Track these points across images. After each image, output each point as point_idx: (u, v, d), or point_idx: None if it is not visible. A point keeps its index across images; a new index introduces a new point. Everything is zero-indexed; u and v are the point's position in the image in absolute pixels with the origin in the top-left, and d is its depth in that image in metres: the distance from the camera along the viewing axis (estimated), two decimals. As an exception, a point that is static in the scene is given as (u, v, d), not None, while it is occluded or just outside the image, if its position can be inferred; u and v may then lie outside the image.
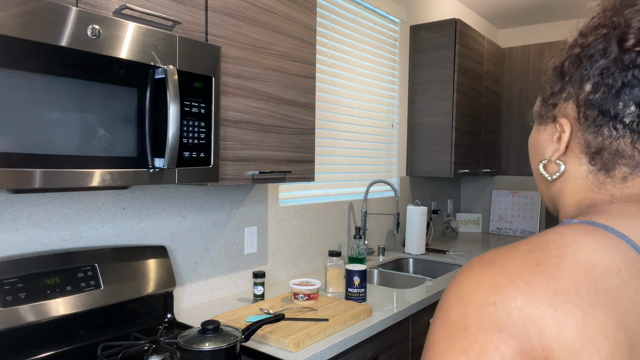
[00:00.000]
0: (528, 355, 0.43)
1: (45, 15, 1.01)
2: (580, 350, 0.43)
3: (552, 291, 0.44)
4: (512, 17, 4.44)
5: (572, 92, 0.59)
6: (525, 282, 0.45)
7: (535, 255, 0.48)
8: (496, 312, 0.45)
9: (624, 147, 0.55)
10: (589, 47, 0.58)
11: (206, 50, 1.37)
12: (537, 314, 0.44)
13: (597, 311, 0.44)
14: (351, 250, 2.49)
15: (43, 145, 1.03)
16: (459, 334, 0.46)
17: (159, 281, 1.60)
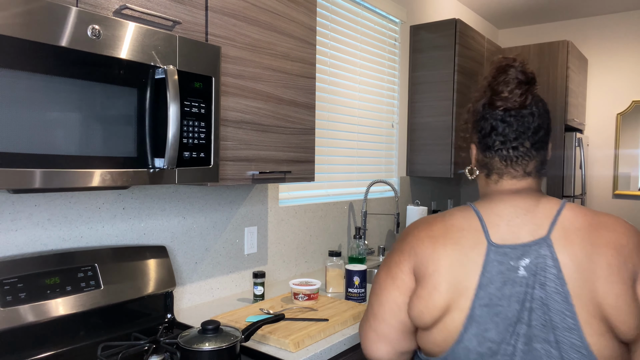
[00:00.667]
0: (412, 263, 0.98)
1: (45, 15, 1.01)
2: (429, 260, 0.94)
3: (426, 233, 0.98)
4: (512, 17, 4.44)
5: (474, 128, 1.04)
6: (417, 231, 1.00)
7: (430, 219, 1.01)
8: (403, 245, 1.01)
9: (495, 163, 1.01)
10: (476, 112, 1.04)
11: (206, 50, 1.37)
12: (417, 244, 0.98)
13: (443, 244, 0.95)
14: (351, 250, 2.49)
15: (43, 145, 1.03)
16: (388, 255, 1.05)
17: (159, 281, 1.60)
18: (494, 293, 0.89)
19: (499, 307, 0.88)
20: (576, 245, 0.87)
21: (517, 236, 0.91)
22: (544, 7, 4.13)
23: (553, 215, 0.92)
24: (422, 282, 0.94)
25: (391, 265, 1.02)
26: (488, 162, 1.01)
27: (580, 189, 3.97)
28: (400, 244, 1.02)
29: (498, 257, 0.90)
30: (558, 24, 4.53)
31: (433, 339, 0.94)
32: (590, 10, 4.20)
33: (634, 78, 4.21)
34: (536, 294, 0.87)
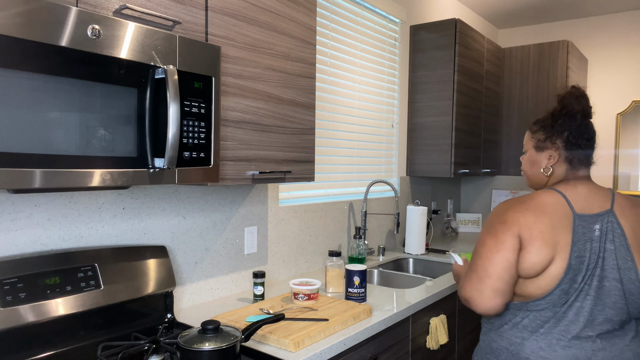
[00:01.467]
0: (517, 230, 1.27)
1: (45, 15, 1.01)
2: (533, 227, 1.26)
3: (524, 207, 1.30)
4: (512, 17, 4.44)
5: (558, 136, 1.41)
6: (516, 207, 1.31)
7: (522, 199, 1.34)
8: (504, 217, 1.30)
9: (579, 156, 1.40)
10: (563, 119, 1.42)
11: (206, 50, 1.37)
12: (519, 216, 1.28)
13: (541, 215, 1.28)
14: (351, 250, 2.49)
15: (43, 145, 1.03)
16: (491, 227, 1.32)
17: (159, 281, 1.60)
18: (581, 247, 1.26)
19: (584, 257, 1.26)
20: (629, 215, 1.32)
21: (591, 208, 1.32)
22: (544, 7, 4.13)
23: (611, 196, 1.37)
24: (530, 242, 1.26)
25: (497, 233, 1.30)
26: (573, 156, 1.40)
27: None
28: (501, 217, 1.32)
29: (581, 222, 1.28)
30: (558, 24, 4.53)
31: (538, 284, 1.27)
32: (590, 10, 4.20)
33: (634, 78, 4.21)
34: (607, 247, 1.27)
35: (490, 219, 1.35)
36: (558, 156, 1.41)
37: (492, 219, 1.34)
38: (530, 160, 1.47)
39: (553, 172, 1.42)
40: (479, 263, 1.31)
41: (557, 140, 1.40)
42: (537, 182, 1.47)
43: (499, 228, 1.30)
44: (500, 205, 1.37)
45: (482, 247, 1.32)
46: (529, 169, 1.48)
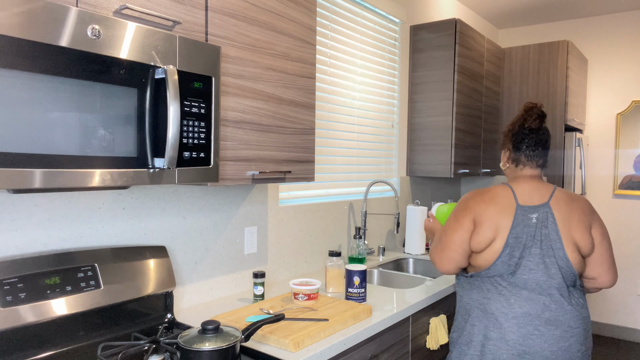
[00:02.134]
0: (473, 215, 1.67)
1: (45, 15, 1.01)
2: (483, 213, 1.65)
3: (480, 198, 1.69)
4: (512, 17, 4.44)
5: (509, 140, 1.78)
6: (475, 197, 1.71)
7: (482, 191, 1.73)
8: (466, 205, 1.70)
9: (522, 158, 1.74)
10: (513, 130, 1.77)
11: (206, 50, 1.37)
12: (474, 204, 1.69)
13: (491, 204, 1.66)
14: (351, 250, 2.49)
15: (43, 145, 1.03)
16: (456, 212, 1.73)
17: (159, 281, 1.60)
18: (519, 231, 1.61)
19: (521, 238, 1.61)
20: (563, 207, 1.64)
21: (532, 201, 1.66)
22: (544, 7, 4.13)
23: (550, 192, 1.68)
24: (479, 225, 1.65)
25: (459, 216, 1.69)
26: (517, 158, 1.74)
27: (580, 188, 3.97)
28: (464, 205, 1.70)
29: (521, 212, 1.64)
30: (558, 24, 4.53)
31: (484, 258, 1.65)
32: (590, 10, 4.20)
33: (634, 78, 4.21)
34: (543, 232, 1.61)
35: (458, 205, 1.75)
36: (508, 157, 1.79)
37: (458, 205, 1.74)
38: (501, 157, 1.90)
39: (508, 169, 1.81)
40: (443, 237, 1.72)
41: (508, 143, 1.78)
42: (507, 176, 1.85)
43: (460, 213, 1.70)
44: (465, 195, 1.76)
45: (447, 226, 1.73)
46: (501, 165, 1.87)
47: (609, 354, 3.89)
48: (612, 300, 4.30)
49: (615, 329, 4.27)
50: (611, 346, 4.07)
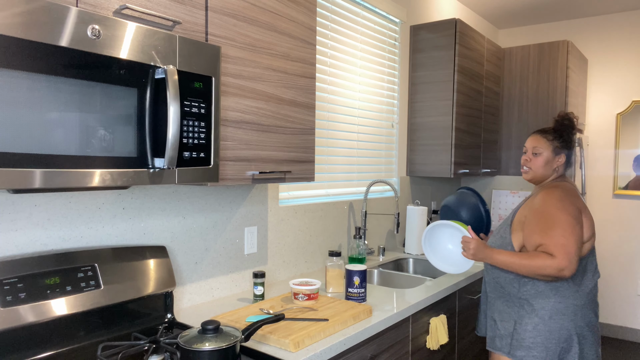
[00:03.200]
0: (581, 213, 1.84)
1: (45, 15, 1.01)
2: (585, 212, 1.86)
3: (575, 194, 1.88)
4: (512, 17, 4.44)
5: (568, 146, 1.97)
6: (572, 193, 1.88)
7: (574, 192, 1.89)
8: (575, 205, 1.84)
9: (571, 160, 1.99)
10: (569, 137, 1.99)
11: (206, 50, 1.37)
12: (577, 200, 1.85)
13: (582, 200, 1.89)
14: (351, 250, 2.49)
15: (43, 145, 1.03)
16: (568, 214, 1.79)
17: (159, 281, 1.60)
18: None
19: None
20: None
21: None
22: (544, 7, 4.13)
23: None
24: (584, 221, 1.82)
25: (575, 212, 1.78)
26: (569, 160, 1.96)
27: (580, 189, 3.97)
28: (570, 201, 1.80)
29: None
30: (558, 24, 4.53)
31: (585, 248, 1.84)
32: (590, 10, 4.20)
33: (634, 78, 4.21)
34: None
35: (565, 204, 1.79)
36: (565, 160, 1.95)
37: (565, 205, 1.79)
38: (547, 160, 1.94)
39: (555, 171, 1.95)
40: (564, 235, 1.73)
41: (566, 149, 1.94)
42: (542, 178, 1.95)
43: (576, 213, 1.78)
44: (566, 196, 1.82)
45: (563, 223, 1.75)
46: (542, 167, 1.94)
47: (609, 354, 3.89)
48: (612, 300, 4.30)
49: (615, 329, 4.27)
50: (611, 346, 4.07)
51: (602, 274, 4.35)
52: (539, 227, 1.78)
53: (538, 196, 1.85)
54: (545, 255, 1.74)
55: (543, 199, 1.82)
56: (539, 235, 1.77)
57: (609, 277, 4.31)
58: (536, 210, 1.82)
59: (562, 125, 1.96)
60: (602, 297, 4.34)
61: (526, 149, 1.99)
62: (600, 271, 4.36)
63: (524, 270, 1.76)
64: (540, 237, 1.77)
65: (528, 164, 1.96)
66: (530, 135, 2.01)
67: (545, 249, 1.75)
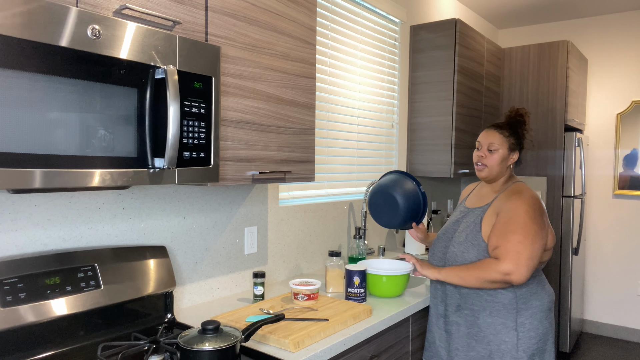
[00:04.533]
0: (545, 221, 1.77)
1: (45, 15, 1.01)
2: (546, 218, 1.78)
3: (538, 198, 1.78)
4: (512, 17, 4.44)
5: (520, 143, 1.89)
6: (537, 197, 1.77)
7: (529, 189, 1.80)
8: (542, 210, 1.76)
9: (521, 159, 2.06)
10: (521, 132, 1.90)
11: (206, 50, 1.37)
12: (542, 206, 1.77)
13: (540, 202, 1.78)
14: (351, 250, 2.49)
15: (43, 145, 1.03)
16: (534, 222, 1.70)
17: (159, 281, 1.60)
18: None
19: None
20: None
21: None
22: (544, 7, 4.13)
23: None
24: (548, 227, 1.77)
25: (540, 223, 1.70)
26: (520, 158, 1.88)
27: (580, 189, 3.97)
28: (540, 209, 1.72)
29: None
30: (558, 24, 4.53)
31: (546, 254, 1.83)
32: (590, 10, 4.20)
33: (634, 78, 4.21)
34: None
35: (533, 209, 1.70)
36: (517, 157, 1.87)
37: (534, 210, 1.71)
38: (503, 158, 1.84)
39: (508, 169, 1.87)
40: (531, 245, 1.65)
41: (518, 146, 1.87)
42: (497, 176, 1.86)
43: (540, 219, 1.70)
44: (534, 197, 1.74)
45: (530, 230, 1.67)
46: (498, 165, 1.83)
47: (609, 354, 3.89)
48: (612, 300, 4.30)
49: (616, 329, 4.27)
50: (611, 346, 4.07)
51: (602, 274, 4.35)
52: (500, 231, 1.69)
53: (512, 201, 1.73)
54: (491, 259, 1.67)
55: (515, 203, 1.72)
56: (497, 238, 1.69)
57: (609, 277, 4.31)
58: (506, 213, 1.72)
59: (515, 120, 1.87)
60: (602, 297, 4.35)
61: (480, 144, 1.86)
62: (601, 271, 4.36)
63: (472, 280, 1.68)
64: (497, 239, 1.68)
65: (483, 160, 1.83)
66: (485, 130, 1.88)
67: (496, 252, 1.67)
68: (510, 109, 1.91)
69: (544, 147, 3.83)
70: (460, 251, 1.79)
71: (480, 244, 1.75)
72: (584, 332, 4.39)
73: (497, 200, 1.80)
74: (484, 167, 1.84)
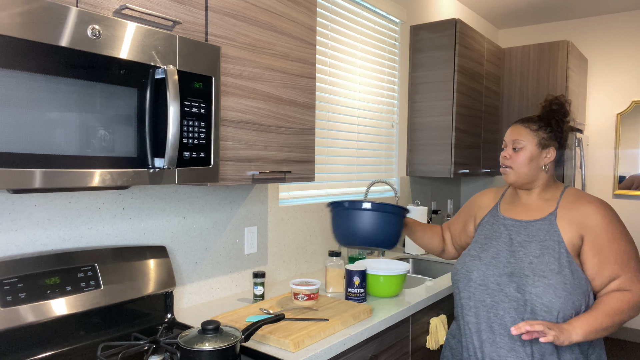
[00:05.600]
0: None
1: (45, 15, 1.01)
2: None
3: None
4: (512, 17, 4.44)
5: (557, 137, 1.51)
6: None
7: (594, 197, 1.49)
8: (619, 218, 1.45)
9: (562, 158, 1.53)
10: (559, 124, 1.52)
11: (206, 50, 1.37)
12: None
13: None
14: (351, 250, 2.49)
15: (43, 145, 1.03)
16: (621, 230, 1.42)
17: (159, 281, 1.60)
18: None
19: None
20: None
21: None
22: (544, 7, 4.13)
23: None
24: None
25: (624, 229, 1.43)
26: (560, 158, 1.53)
27: (580, 188, 3.97)
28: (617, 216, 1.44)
29: None
30: (558, 24, 4.53)
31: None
32: (590, 10, 4.20)
33: (634, 78, 4.21)
34: None
35: (616, 219, 1.43)
36: (553, 157, 1.50)
37: (616, 219, 1.43)
38: (532, 157, 1.49)
39: (544, 171, 1.50)
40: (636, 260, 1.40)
41: (555, 141, 1.51)
42: (528, 179, 1.50)
43: (622, 224, 1.44)
44: (610, 208, 1.45)
45: (627, 249, 1.39)
46: (525, 165, 1.49)
47: (610, 354, 3.89)
48: (612, 300, 4.29)
49: (615, 329, 4.27)
50: (612, 346, 4.07)
51: (602, 274, 4.34)
52: (614, 256, 1.38)
53: (594, 212, 1.42)
54: (627, 296, 1.37)
55: (603, 216, 1.41)
56: (611, 266, 1.38)
57: (609, 277, 4.31)
58: (596, 230, 1.40)
59: (550, 111, 1.53)
60: (602, 297, 4.34)
61: (505, 143, 1.54)
62: (601, 271, 4.34)
63: (618, 326, 1.38)
64: (612, 267, 1.38)
65: (507, 161, 1.51)
66: (511, 126, 1.56)
67: (621, 283, 1.38)
68: (545, 97, 1.60)
69: (544, 147, 3.83)
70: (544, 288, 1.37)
71: (574, 270, 1.39)
72: (584, 332, 4.39)
73: (560, 213, 1.46)
74: (509, 169, 1.51)
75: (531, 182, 1.51)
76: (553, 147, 1.50)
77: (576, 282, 1.38)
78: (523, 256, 1.44)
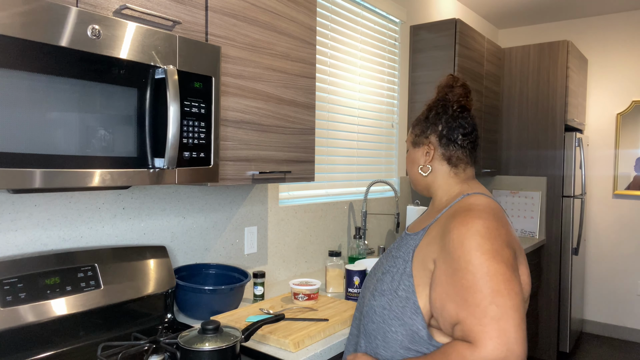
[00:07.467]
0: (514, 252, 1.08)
1: (45, 15, 1.01)
2: (517, 244, 1.12)
3: (502, 222, 1.08)
4: (512, 17, 4.44)
5: (433, 130, 1.24)
6: (502, 224, 1.09)
7: (496, 211, 1.11)
8: (503, 237, 1.06)
9: (460, 155, 1.22)
10: (438, 110, 1.24)
11: (206, 50, 1.37)
12: (506, 234, 1.08)
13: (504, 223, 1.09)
14: (351, 250, 2.49)
15: (43, 145, 1.03)
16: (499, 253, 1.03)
17: (159, 281, 1.60)
18: None
19: None
20: None
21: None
22: (544, 7, 4.13)
23: None
24: (517, 259, 1.11)
25: (509, 260, 1.02)
26: (452, 156, 1.23)
27: (580, 189, 3.97)
28: (504, 248, 1.03)
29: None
30: (558, 24, 4.53)
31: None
32: (590, 10, 4.20)
33: (634, 78, 4.21)
34: None
35: (491, 239, 1.03)
36: (433, 153, 1.23)
37: (486, 239, 1.03)
38: (411, 159, 1.30)
39: (433, 172, 1.24)
40: (505, 295, 0.98)
41: (431, 134, 1.23)
42: (423, 186, 1.28)
43: (506, 252, 1.03)
44: (488, 218, 1.06)
45: (495, 275, 0.99)
46: (410, 170, 1.30)
47: (609, 354, 3.89)
48: (612, 300, 4.30)
49: (616, 329, 4.27)
50: (611, 346, 4.07)
51: (602, 274, 4.35)
52: (455, 289, 1.02)
53: (451, 229, 1.07)
54: (459, 345, 0.99)
55: (459, 235, 1.04)
56: (455, 305, 1.01)
57: (609, 277, 4.31)
58: (450, 254, 1.05)
59: (434, 101, 1.28)
60: (602, 296, 4.34)
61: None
62: (601, 271, 4.36)
63: None
64: (457, 307, 1.01)
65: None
66: None
67: (463, 331, 1.00)
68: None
69: (544, 147, 3.83)
70: (379, 310, 1.15)
71: (407, 295, 1.11)
72: (584, 332, 4.39)
73: (432, 228, 1.16)
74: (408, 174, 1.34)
75: (426, 189, 1.28)
76: (430, 144, 1.23)
77: (403, 310, 1.10)
78: (379, 271, 1.24)
